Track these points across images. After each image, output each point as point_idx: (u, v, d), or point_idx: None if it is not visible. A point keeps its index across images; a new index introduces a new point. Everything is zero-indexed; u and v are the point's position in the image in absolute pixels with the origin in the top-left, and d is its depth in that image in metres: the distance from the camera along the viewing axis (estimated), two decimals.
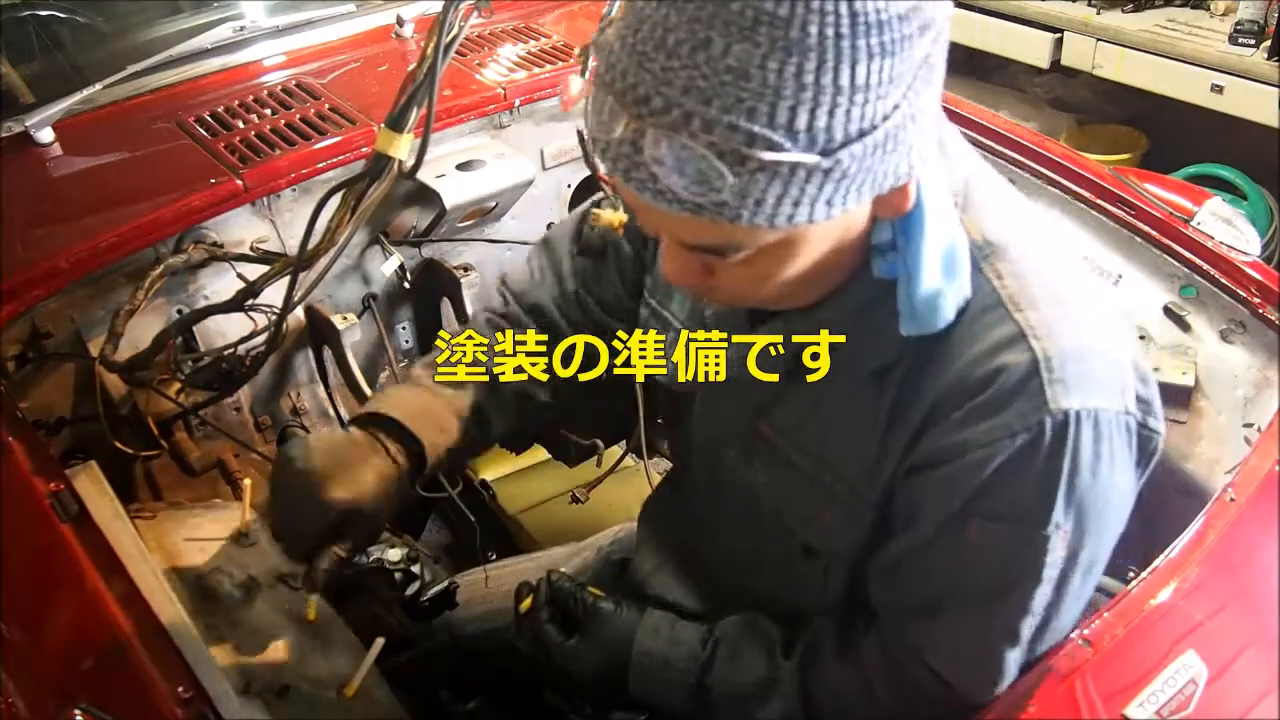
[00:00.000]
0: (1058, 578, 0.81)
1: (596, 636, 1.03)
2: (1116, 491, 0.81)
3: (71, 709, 0.90)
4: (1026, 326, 0.77)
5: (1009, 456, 0.76)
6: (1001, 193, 0.87)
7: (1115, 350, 0.80)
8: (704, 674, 0.99)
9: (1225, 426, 1.38)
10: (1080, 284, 0.84)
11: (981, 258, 0.80)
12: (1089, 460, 0.77)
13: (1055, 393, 0.75)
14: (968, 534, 0.81)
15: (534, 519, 2.20)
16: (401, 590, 1.28)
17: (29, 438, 1.17)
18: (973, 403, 0.78)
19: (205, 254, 1.53)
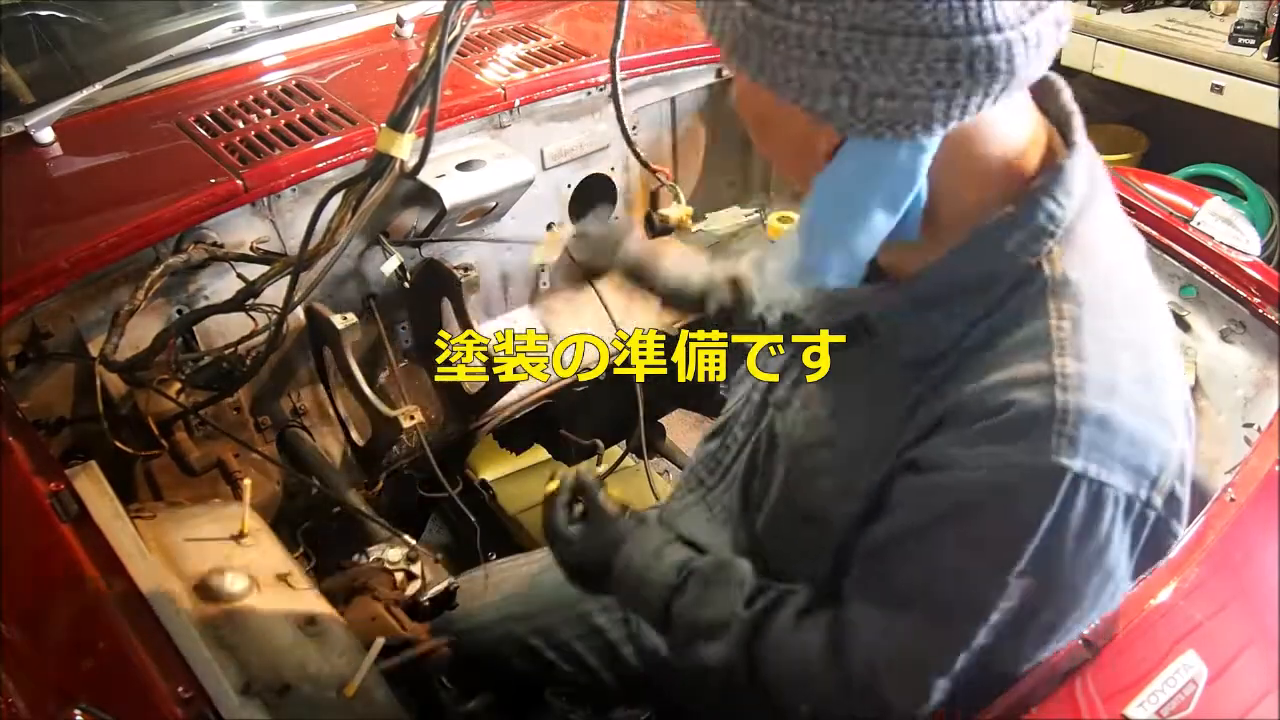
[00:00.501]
0: (1006, 626, 0.80)
1: (592, 533, 1.08)
2: (1101, 571, 0.79)
3: (71, 709, 0.90)
4: (1060, 374, 0.75)
5: (993, 490, 0.76)
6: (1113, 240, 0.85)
7: (1157, 438, 0.77)
8: (671, 599, 1.01)
9: (1225, 426, 1.38)
10: (1146, 359, 0.80)
11: (1052, 292, 0.79)
12: (1076, 528, 0.76)
13: (1060, 445, 0.74)
14: (941, 547, 0.81)
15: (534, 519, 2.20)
16: (401, 590, 1.28)
17: (29, 438, 1.17)
18: (978, 425, 0.77)
19: (205, 254, 1.53)
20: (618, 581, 1.05)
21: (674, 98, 2.04)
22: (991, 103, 0.71)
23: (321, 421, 1.77)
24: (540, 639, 1.35)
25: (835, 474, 0.91)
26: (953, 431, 0.79)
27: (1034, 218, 0.79)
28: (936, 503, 0.80)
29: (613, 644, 1.33)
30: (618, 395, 1.99)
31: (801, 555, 0.99)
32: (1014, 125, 0.80)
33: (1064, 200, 0.80)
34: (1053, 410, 0.74)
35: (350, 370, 1.64)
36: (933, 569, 0.82)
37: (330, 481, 1.61)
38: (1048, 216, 0.79)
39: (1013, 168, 0.81)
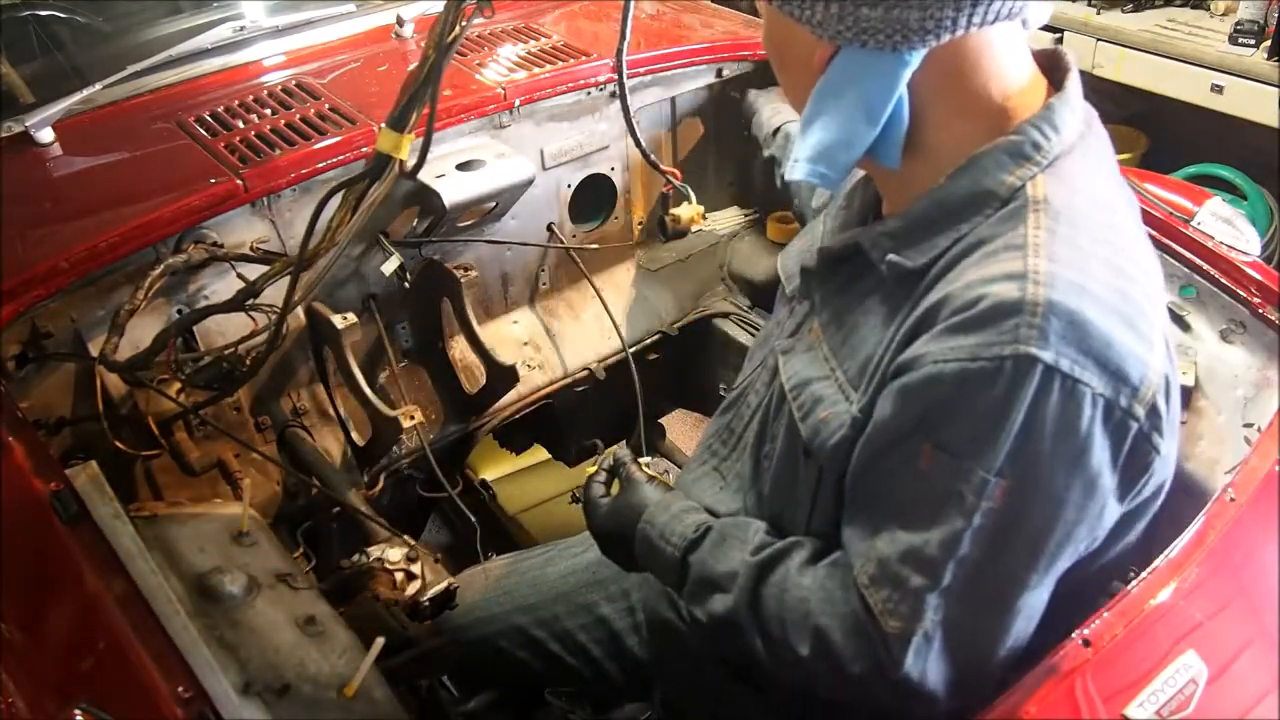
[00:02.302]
0: (989, 530, 0.80)
1: (623, 498, 1.15)
2: (1081, 479, 0.79)
3: (71, 709, 0.90)
4: (1032, 270, 0.78)
5: (962, 380, 0.77)
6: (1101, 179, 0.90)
7: (1135, 348, 0.78)
8: (688, 552, 1.05)
9: (1225, 426, 1.38)
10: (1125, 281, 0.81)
11: (1032, 209, 0.83)
12: (1051, 424, 0.76)
13: (1028, 335, 0.75)
14: (920, 457, 0.81)
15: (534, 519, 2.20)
16: (401, 590, 1.28)
17: (29, 438, 1.17)
18: (951, 320, 0.79)
19: (205, 254, 1.53)
20: (641, 543, 1.09)
21: (674, 98, 2.04)
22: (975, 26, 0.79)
23: (321, 421, 1.77)
24: (544, 630, 1.35)
25: (831, 402, 0.93)
26: (927, 331, 0.81)
27: (1021, 145, 0.85)
28: (911, 402, 0.81)
29: (617, 634, 1.33)
30: (618, 395, 1.99)
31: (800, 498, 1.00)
32: (1010, 67, 0.85)
33: (1050, 133, 0.85)
34: (1021, 302, 0.76)
35: (350, 370, 1.65)
36: (913, 475, 0.82)
37: (330, 481, 1.61)
38: (1033, 145, 0.85)
39: (1004, 108, 0.86)
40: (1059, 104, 0.87)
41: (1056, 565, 0.84)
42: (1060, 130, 0.86)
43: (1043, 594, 0.86)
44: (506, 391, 1.84)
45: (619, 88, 1.72)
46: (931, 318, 0.82)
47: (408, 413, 1.58)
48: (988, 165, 0.85)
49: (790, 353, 1.04)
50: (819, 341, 0.99)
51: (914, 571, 0.83)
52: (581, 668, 1.35)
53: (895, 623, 0.84)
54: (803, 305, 1.07)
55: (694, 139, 2.15)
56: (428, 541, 2.23)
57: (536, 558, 1.44)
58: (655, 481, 1.16)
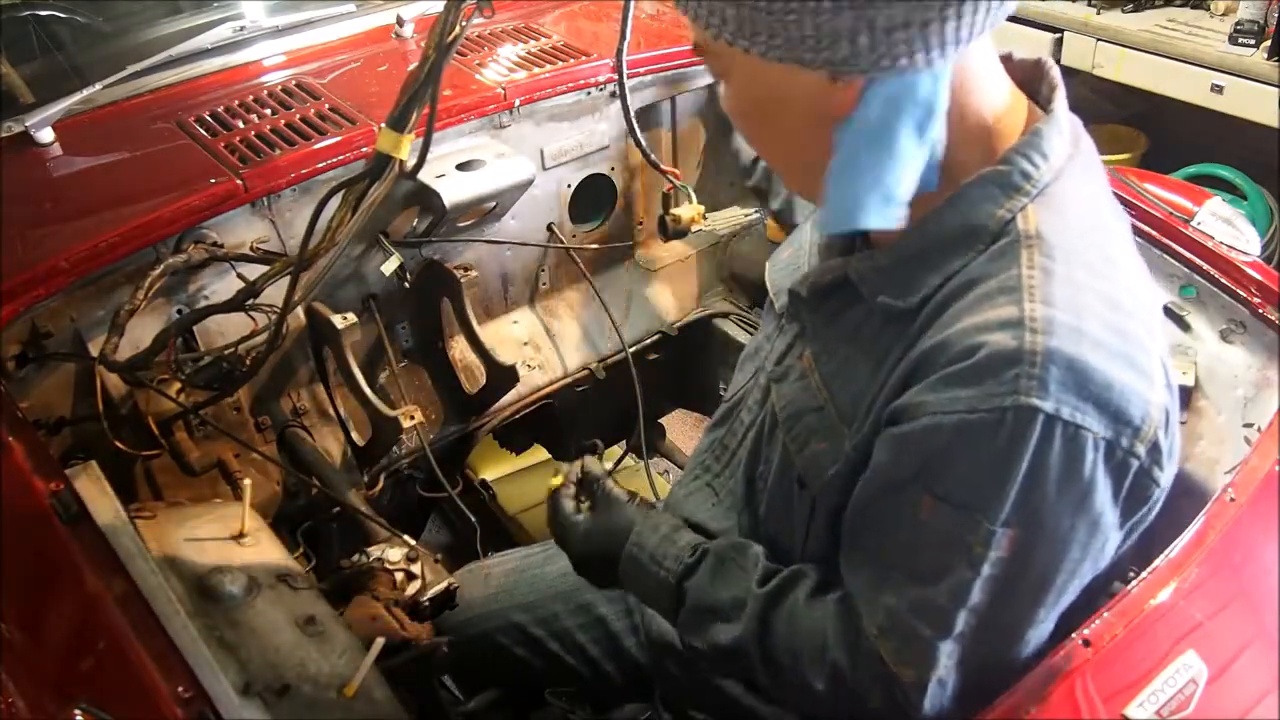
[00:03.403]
0: (999, 579, 0.80)
1: (603, 519, 1.09)
2: (1086, 521, 0.79)
3: (71, 709, 0.90)
4: (1029, 317, 0.77)
5: (962, 433, 0.76)
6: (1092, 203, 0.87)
7: (1134, 386, 0.77)
8: (684, 578, 1.01)
9: (1225, 426, 1.38)
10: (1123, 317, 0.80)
11: (1025, 245, 0.81)
12: (1056, 474, 0.76)
13: (1028, 386, 0.74)
14: (921, 507, 0.81)
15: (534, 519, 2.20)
16: (401, 590, 1.28)
17: (29, 438, 1.17)
18: (948, 369, 0.78)
19: (205, 254, 1.53)
20: (628, 565, 1.05)
21: (674, 98, 2.04)
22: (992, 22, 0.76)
23: (321, 421, 1.77)
24: (542, 629, 1.35)
25: (825, 435, 0.92)
26: (924, 379, 0.80)
27: (1010, 175, 0.83)
28: (910, 452, 0.80)
29: (615, 635, 1.33)
30: (618, 395, 1.99)
31: (795, 527, 0.99)
32: (996, 91, 0.84)
33: (1039, 161, 0.84)
34: (1020, 352, 0.75)
35: (350, 370, 1.65)
36: (916, 527, 0.82)
37: (330, 481, 1.61)
38: (1022, 175, 0.83)
39: (994, 133, 0.84)
40: (1047, 128, 0.85)
41: (1063, 600, 0.85)
42: (1049, 156, 0.84)
43: (1050, 625, 0.87)
44: (506, 391, 1.84)
45: (619, 87, 1.72)
46: (927, 365, 0.80)
47: (408, 413, 1.58)
48: (976, 198, 0.83)
49: (783, 380, 1.02)
50: (811, 370, 0.97)
51: (924, 623, 0.83)
52: (580, 667, 1.35)
53: (909, 672, 0.84)
54: (791, 326, 1.06)
55: (694, 139, 2.15)
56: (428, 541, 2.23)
57: (535, 556, 1.44)
58: (635, 498, 1.11)
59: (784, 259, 1.17)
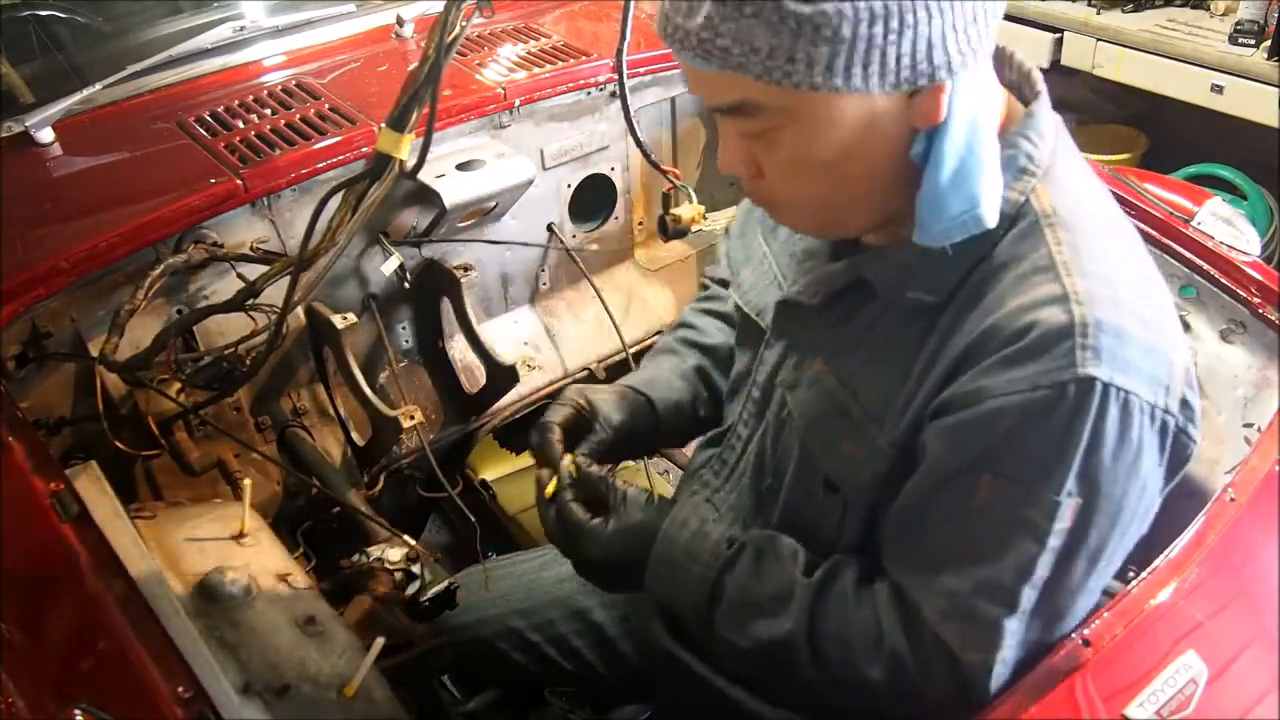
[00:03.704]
0: (1061, 550, 0.80)
1: (625, 519, 1.02)
2: (1138, 483, 0.81)
3: (71, 709, 0.90)
4: (1072, 290, 0.78)
5: (1026, 411, 0.77)
6: (1084, 179, 0.90)
7: (1163, 348, 0.80)
8: (723, 572, 0.97)
9: (1225, 426, 1.38)
10: (1139, 277, 0.84)
11: (1046, 224, 0.83)
12: (1112, 440, 0.78)
13: (1084, 357, 0.76)
14: (979, 490, 0.81)
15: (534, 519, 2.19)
16: (401, 590, 1.28)
17: (29, 438, 1.17)
18: (1002, 352, 0.79)
19: (205, 254, 1.53)
20: (658, 565, 1.00)
21: (674, 98, 2.04)
22: None
23: (321, 421, 1.77)
24: (539, 634, 1.35)
25: (856, 437, 0.91)
26: (977, 365, 0.80)
27: (1015, 159, 0.85)
28: (972, 439, 0.80)
29: (611, 640, 1.33)
30: None
31: (824, 525, 0.98)
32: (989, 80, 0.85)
33: (1038, 141, 0.86)
34: (1072, 324, 0.77)
35: (350, 370, 1.65)
36: (979, 510, 0.82)
37: (330, 481, 1.61)
38: (1027, 156, 0.85)
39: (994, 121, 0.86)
40: (1038, 108, 0.87)
41: (1112, 567, 0.86)
42: (1044, 135, 0.87)
43: (1098, 594, 0.89)
44: (506, 391, 1.84)
45: (619, 88, 1.72)
46: (977, 352, 0.81)
47: (408, 413, 1.58)
48: None
49: (795, 388, 1.00)
50: (824, 374, 0.96)
51: (989, 602, 0.83)
52: (578, 670, 1.35)
53: (974, 655, 0.84)
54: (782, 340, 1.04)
55: (694, 139, 2.15)
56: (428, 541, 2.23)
57: (532, 561, 1.44)
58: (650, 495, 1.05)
59: (753, 282, 1.13)
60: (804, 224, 0.96)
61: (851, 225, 0.92)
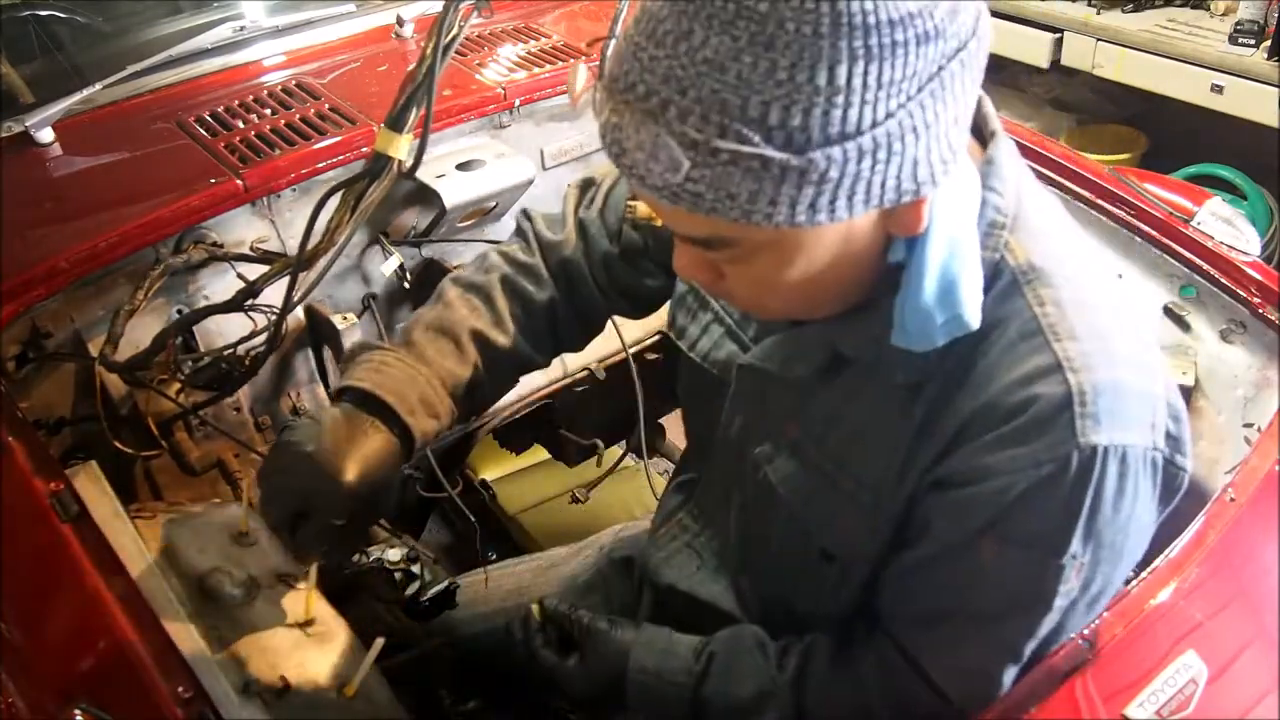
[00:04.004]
0: (1066, 606, 0.82)
1: (594, 655, 1.03)
2: (1135, 525, 0.80)
3: (71, 709, 0.90)
4: (1064, 358, 0.76)
5: (1031, 486, 0.76)
6: (1051, 216, 0.86)
7: (1149, 386, 0.79)
8: (699, 686, 0.98)
9: (1225, 426, 1.38)
10: (1120, 316, 0.82)
11: (1025, 282, 0.79)
12: (1111, 495, 0.77)
13: (1085, 427, 0.75)
14: (982, 554, 0.81)
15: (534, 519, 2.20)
16: (401, 590, 1.28)
17: (29, 438, 1.17)
18: (1001, 430, 0.77)
19: (205, 254, 1.53)
20: (636, 691, 1.01)
21: None
22: None
23: None
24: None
25: (855, 511, 0.89)
26: (975, 441, 0.79)
27: (983, 214, 0.80)
28: (975, 514, 0.80)
29: None
30: (618, 395, 1.99)
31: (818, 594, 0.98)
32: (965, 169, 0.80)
33: (1001, 188, 0.81)
34: (1069, 395, 0.75)
35: None
36: (983, 575, 0.82)
37: None
38: (995, 209, 0.80)
39: None
40: (997, 153, 0.82)
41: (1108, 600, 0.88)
42: (1007, 180, 0.81)
43: None
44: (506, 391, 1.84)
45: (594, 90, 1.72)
46: (974, 427, 0.79)
47: None
48: None
49: (773, 461, 0.97)
50: (802, 442, 0.93)
51: (992, 657, 0.85)
52: None
53: (976, 704, 0.86)
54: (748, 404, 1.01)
55: None
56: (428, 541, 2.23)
57: (529, 565, 1.44)
58: (615, 622, 1.05)
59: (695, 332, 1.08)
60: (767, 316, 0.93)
61: (819, 314, 0.85)
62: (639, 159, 0.66)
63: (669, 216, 0.74)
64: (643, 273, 1.15)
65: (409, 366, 1.03)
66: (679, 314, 1.11)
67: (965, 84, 0.68)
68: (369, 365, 1.03)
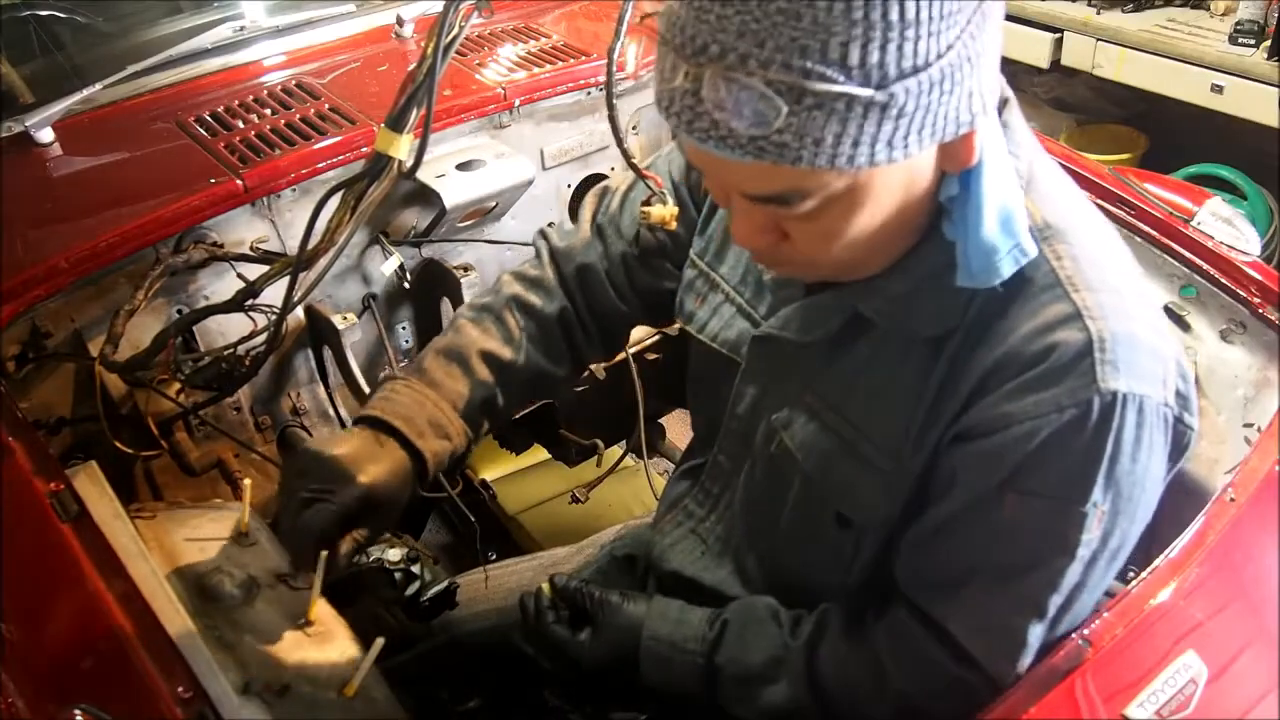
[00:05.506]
0: (1089, 557, 0.82)
1: (607, 626, 1.04)
2: (1151, 479, 0.82)
3: (71, 709, 0.90)
4: (1083, 306, 0.79)
5: (1054, 432, 0.78)
6: (1061, 181, 0.89)
7: (1161, 343, 0.82)
8: (712, 653, 0.99)
9: (1225, 426, 1.38)
10: (1130, 276, 0.85)
11: (1042, 239, 0.82)
12: (1130, 444, 0.79)
13: (1105, 373, 0.77)
14: (1005, 507, 0.82)
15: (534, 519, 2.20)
16: (401, 590, 1.28)
17: (29, 438, 1.17)
18: (1023, 376, 0.79)
19: (205, 254, 1.53)
20: (649, 660, 1.01)
21: None
22: None
23: (321, 421, 1.77)
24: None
25: (874, 474, 0.90)
26: (997, 391, 0.81)
27: None
28: (999, 465, 0.81)
29: None
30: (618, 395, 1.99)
31: (832, 562, 0.98)
32: None
33: (1018, 152, 0.84)
34: (1090, 341, 0.77)
35: (350, 370, 1.65)
36: (1007, 528, 0.83)
37: None
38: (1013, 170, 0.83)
39: None
40: (1013, 118, 0.85)
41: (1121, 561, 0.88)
42: (1022, 144, 0.85)
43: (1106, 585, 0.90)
44: None
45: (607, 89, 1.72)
46: (996, 377, 0.81)
47: None
48: None
49: (790, 426, 0.98)
50: (820, 409, 0.94)
51: (1018, 614, 0.85)
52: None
53: (1003, 664, 0.86)
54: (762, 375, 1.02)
55: None
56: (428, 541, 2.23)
57: (529, 565, 1.44)
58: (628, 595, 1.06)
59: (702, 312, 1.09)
60: (813, 276, 0.92)
61: (864, 273, 0.86)
62: (721, 118, 0.66)
63: (744, 176, 0.73)
64: (661, 274, 1.17)
65: (417, 393, 1.07)
66: (687, 299, 1.12)
67: (997, 17, 0.72)
68: (381, 395, 1.08)
